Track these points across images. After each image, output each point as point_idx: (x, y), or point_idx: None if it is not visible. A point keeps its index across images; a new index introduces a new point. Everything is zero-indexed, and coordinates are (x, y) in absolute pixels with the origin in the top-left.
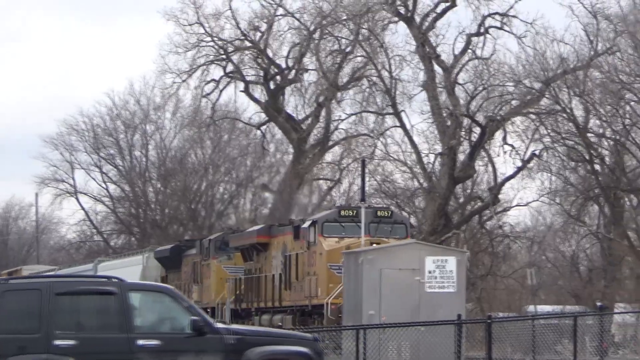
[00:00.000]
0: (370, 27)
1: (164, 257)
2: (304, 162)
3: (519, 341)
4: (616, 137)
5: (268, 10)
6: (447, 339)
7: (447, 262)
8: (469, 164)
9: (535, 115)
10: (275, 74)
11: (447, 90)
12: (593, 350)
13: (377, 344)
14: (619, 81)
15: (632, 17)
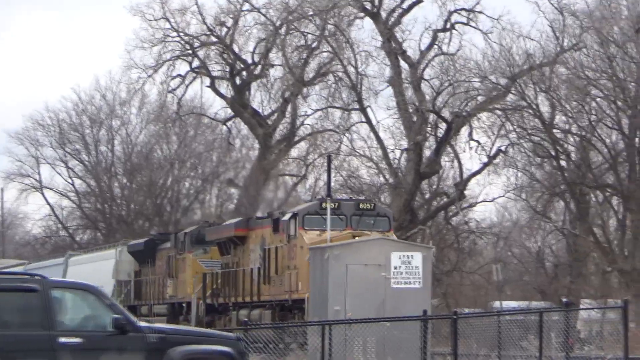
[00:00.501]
0: (336, 22)
1: (137, 251)
2: (269, 157)
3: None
4: (582, 133)
5: (234, 6)
6: (413, 335)
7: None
8: (435, 159)
9: (501, 111)
10: (241, 69)
11: (413, 86)
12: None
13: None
14: (585, 77)
15: (598, 14)
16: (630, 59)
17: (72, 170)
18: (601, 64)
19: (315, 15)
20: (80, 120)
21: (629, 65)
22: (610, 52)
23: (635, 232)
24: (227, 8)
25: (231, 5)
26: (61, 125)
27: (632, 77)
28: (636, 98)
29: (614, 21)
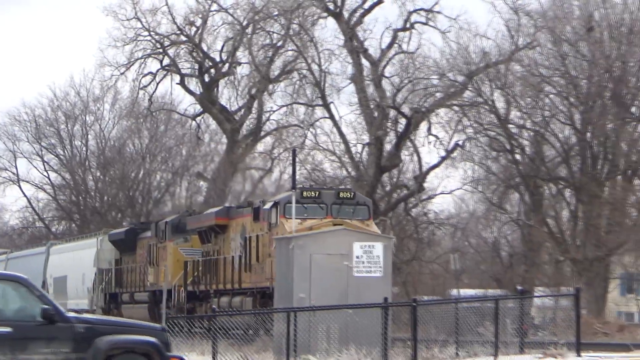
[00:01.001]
0: (300, 22)
1: (118, 240)
2: (237, 151)
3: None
4: (536, 128)
5: (203, 6)
6: (375, 321)
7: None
8: (395, 153)
9: (459, 107)
10: (209, 67)
11: (374, 83)
12: (514, 332)
13: (307, 325)
14: (539, 75)
15: (551, 13)
16: (582, 57)
17: (47, 163)
18: (554, 62)
19: (280, 15)
20: (56, 116)
21: (580, 63)
22: (563, 51)
23: (587, 222)
24: (196, 8)
25: (200, 6)
26: (37, 120)
27: (583, 75)
28: (588, 95)
29: (566, 21)
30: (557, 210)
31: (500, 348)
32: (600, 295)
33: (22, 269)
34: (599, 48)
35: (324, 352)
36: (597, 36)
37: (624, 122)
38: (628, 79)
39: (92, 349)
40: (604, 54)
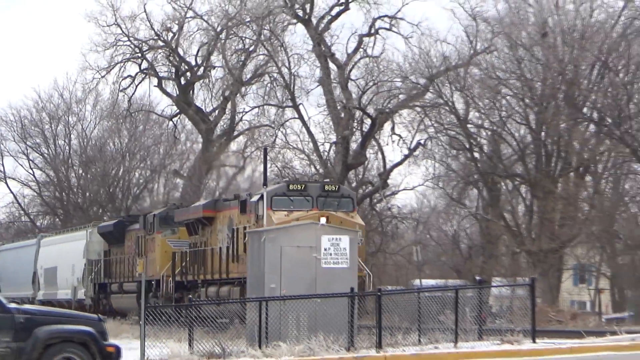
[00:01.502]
0: (271, 28)
1: (107, 232)
2: (211, 150)
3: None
4: (493, 127)
5: (179, 13)
6: (342, 310)
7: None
8: (361, 152)
9: (421, 108)
10: (185, 70)
11: (341, 86)
12: (472, 320)
13: (278, 314)
14: (496, 77)
15: (508, 20)
16: (537, 61)
17: (33, 162)
18: (511, 65)
19: (252, 21)
20: (40, 117)
21: (535, 67)
22: (518, 55)
23: (542, 216)
24: (173, 15)
25: (176, 13)
26: (23, 121)
27: (538, 77)
28: (542, 96)
29: (522, 27)
30: (513, 205)
31: (460, 335)
32: (554, 285)
33: (13, 260)
34: (553, 52)
35: (293, 339)
36: (551, 41)
37: (576, 122)
38: (580, 82)
39: (32, 339)
40: (558, 58)
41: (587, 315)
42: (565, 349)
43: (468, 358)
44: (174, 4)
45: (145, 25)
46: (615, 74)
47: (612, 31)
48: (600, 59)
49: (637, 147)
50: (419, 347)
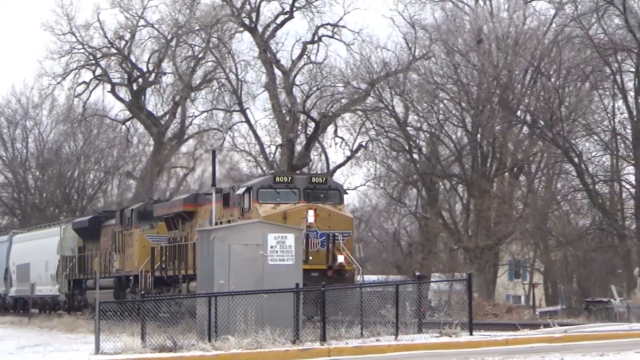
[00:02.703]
0: (219, 36)
1: (82, 228)
2: (162, 152)
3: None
4: (431, 130)
5: (131, 22)
6: (287, 304)
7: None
8: (305, 153)
9: (362, 111)
10: (137, 76)
11: (286, 90)
12: (412, 314)
13: (226, 309)
14: (434, 82)
15: (445, 27)
16: (473, 66)
17: None
18: (448, 70)
19: (201, 29)
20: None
21: (471, 72)
22: (455, 61)
23: (478, 215)
24: (125, 24)
25: (129, 22)
26: None
27: (474, 82)
28: (478, 100)
29: (458, 34)
30: (451, 203)
31: (400, 328)
32: (491, 280)
33: None
34: (488, 58)
35: (241, 332)
36: (486, 47)
37: (511, 124)
38: (514, 86)
39: None
40: (492, 64)
41: (522, 309)
42: (501, 341)
43: (408, 350)
44: (126, 13)
45: (99, 33)
46: (547, 78)
47: (544, 38)
48: (533, 64)
49: (569, 148)
50: (362, 339)
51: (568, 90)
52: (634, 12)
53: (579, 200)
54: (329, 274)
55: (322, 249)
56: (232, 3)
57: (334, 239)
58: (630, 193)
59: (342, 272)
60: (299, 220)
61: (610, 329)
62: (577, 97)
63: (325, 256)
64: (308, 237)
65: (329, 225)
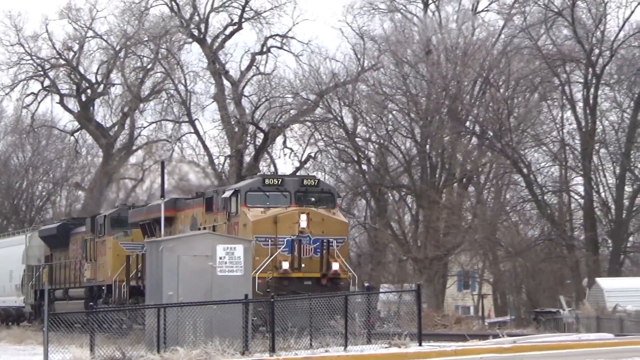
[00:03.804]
0: (168, 47)
1: (49, 236)
2: (111, 163)
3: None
4: (380, 141)
5: (80, 33)
6: (237, 315)
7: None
8: (254, 164)
9: (311, 122)
10: (86, 87)
11: (235, 101)
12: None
13: (175, 320)
14: (383, 93)
15: (393, 38)
16: (422, 77)
17: None
18: (397, 81)
19: (150, 40)
20: None
21: (420, 83)
22: (404, 72)
23: (427, 225)
24: (74, 35)
25: (77, 33)
26: None
27: (423, 93)
28: (427, 111)
29: (407, 45)
30: (400, 214)
31: (349, 339)
32: (440, 291)
33: None
34: (437, 69)
35: (190, 344)
36: (435, 58)
37: (459, 135)
38: (463, 97)
39: None
40: (441, 75)
41: (471, 320)
42: (450, 352)
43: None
44: (74, 24)
45: (47, 44)
46: (496, 89)
47: (493, 49)
48: (482, 75)
49: (518, 158)
50: (311, 350)
51: (517, 101)
52: (582, 23)
53: (527, 210)
54: (323, 282)
55: (315, 256)
56: (181, 14)
57: (329, 245)
58: (579, 203)
59: (336, 281)
60: (290, 225)
61: (559, 340)
62: (526, 108)
63: (319, 264)
64: (300, 243)
65: (322, 231)
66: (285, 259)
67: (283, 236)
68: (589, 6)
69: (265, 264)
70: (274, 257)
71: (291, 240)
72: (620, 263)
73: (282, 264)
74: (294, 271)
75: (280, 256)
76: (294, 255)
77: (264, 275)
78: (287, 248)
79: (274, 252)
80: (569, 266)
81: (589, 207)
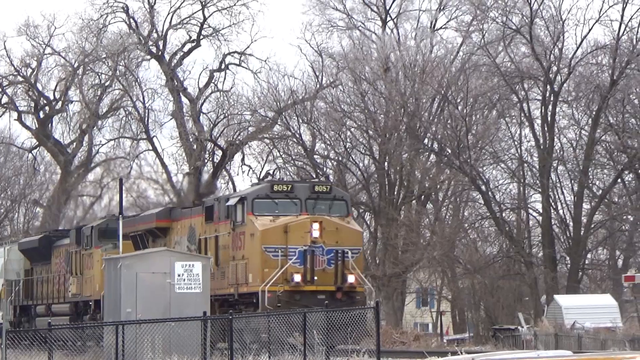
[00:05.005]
0: (126, 64)
1: (30, 249)
2: (70, 180)
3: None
4: (339, 158)
5: (38, 50)
6: (195, 332)
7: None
8: (212, 181)
9: (269, 139)
10: (44, 104)
11: (193, 119)
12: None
13: (134, 337)
14: (341, 110)
15: (352, 55)
16: (380, 95)
17: None
18: (355, 98)
19: (108, 57)
20: None
21: (378, 100)
22: (362, 89)
23: (385, 242)
24: (32, 52)
25: (35, 49)
26: None
27: (381, 110)
28: (385, 128)
29: (365, 62)
30: None
31: (308, 356)
32: (398, 308)
33: None
34: (395, 86)
35: None
36: (393, 76)
37: (418, 152)
38: (421, 114)
39: None
40: (400, 92)
41: (430, 337)
42: None
43: None
44: (32, 41)
45: (5, 61)
46: (455, 106)
47: (451, 66)
48: (440, 92)
49: (476, 176)
50: None
51: (475, 118)
52: (540, 40)
53: (486, 228)
54: (338, 297)
55: (329, 268)
56: (139, 31)
57: (344, 256)
58: (537, 221)
59: (352, 294)
60: (302, 235)
61: (518, 357)
62: (484, 125)
63: (334, 276)
64: (313, 254)
65: (336, 241)
66: (296, 271)
67: (294, 246)
68: (547, 24)
69: (275, 277)
70: (284, 269)
71: (303, 251)
72: (579, 280)
73: (293, 277)
74: (306, 284)
75: (291, 268)
76: (307, 267)
77: (274, 289)
78: (298, 259)
79: (284, 264)
80: (528, 283)
81: (547, 225)
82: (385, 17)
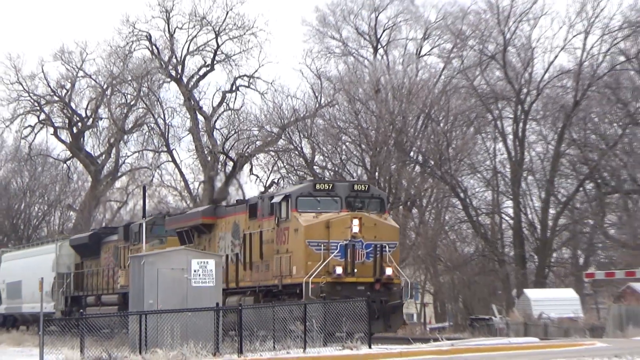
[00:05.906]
0: (149, 86)
1: (81, 245)
2: (99, 188)
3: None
4: (335, 168)
5: (71, 73)
6: (209, 321)
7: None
8: (225, 189)
9: (274, 152)
10: (77, 121)
11: (208, 134)
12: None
13: (155, 325)
14: (337, 127)
15: (347, 78)
16: (371, 113)
17: None
18: (349, 116)
19: (133, 80)
20: None
21: (370, 118)
22: (356, 108)
23: None
24: (66, 74)
25: (69, 72)
26: None
27: (372, 127)
28: (376, 142)
29: (358, 84)
30: None
31: (308, 342)
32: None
33: None
34: (385, 106)
35: (169, 346)
36: (383, 96)
37: (404, 164)
38: (407, 130)
39: None
40: (389, 111)
41: (415, 325)
42: (396, 353)
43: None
44: (67, 65)
45: (43, 83)
46: (437, 123)
47: (434, 88)
48: (424, 111)
49: (455, 184)
50: (274, 352)
51: (455, 134)
52: (512, 66)
53: (464, 230)
54: (377, 287)
55: (368, 261)
56: (161, 57)
57: (382, 250)
58: (509, 224)
59: (390, 286)
60: (343, 230)
61: (492, 343)
62: (462, 140)
63: (373, 268)
64: (354, 248)
65: (374, 235)
66: (338, 264)
67: (336, 241)
68: (519, 51)
69: (318, 269)
70: (327, 262)
71: (344, 245)
72: (545, 276)
73: (335, 269)
74: (347, 276)
75: (333, 261)
76: (347, 260)
77: (317, 280)
78: (340, 253)
79: (326, 257)
80: (500, 279)
81: (518, 227)
82: (376, 45)
